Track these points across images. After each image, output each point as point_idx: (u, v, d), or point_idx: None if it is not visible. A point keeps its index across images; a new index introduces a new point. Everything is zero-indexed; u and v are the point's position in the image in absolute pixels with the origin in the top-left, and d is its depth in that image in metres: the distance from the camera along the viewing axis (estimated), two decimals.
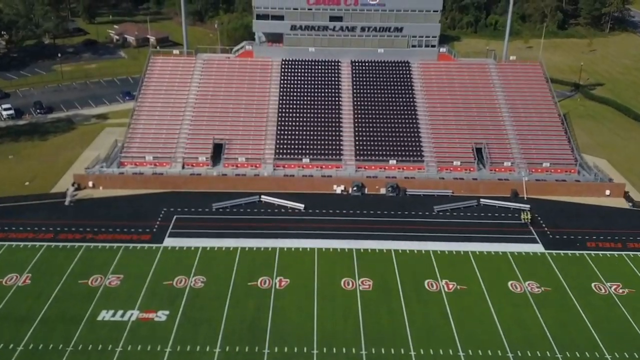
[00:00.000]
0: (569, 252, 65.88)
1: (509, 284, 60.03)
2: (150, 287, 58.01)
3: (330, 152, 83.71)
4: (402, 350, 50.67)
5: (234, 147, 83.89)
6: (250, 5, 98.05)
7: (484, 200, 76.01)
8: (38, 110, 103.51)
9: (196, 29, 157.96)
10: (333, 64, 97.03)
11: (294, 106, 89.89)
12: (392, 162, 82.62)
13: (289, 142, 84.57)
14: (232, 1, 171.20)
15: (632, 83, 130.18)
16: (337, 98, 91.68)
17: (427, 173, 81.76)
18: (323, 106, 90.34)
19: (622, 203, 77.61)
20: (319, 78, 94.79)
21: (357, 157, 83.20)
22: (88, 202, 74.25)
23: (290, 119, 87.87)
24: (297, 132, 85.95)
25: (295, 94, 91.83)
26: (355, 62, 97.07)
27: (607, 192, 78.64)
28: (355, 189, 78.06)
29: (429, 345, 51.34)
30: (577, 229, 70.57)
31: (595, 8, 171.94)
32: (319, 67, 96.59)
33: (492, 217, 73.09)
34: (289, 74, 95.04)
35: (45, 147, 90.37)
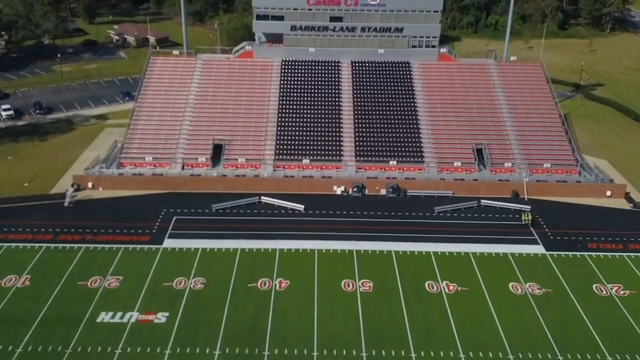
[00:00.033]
0: (570, 254, 65.72)
1: (509, 285, 59.88)
2: (150, 288, 57.85)
3: (330, 152, 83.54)
4: (402, 352, 50.48)
5: (234, 148, 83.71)
6: (250, 5, 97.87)
7: (484, 201, 75.84)
8: (37, 110, 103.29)
9: (196, 29, 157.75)
10: (333, 64, 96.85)
11: (294, 107, 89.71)
12: (393, 162, 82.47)
13: (289, 142, 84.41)
14: (232, 1, 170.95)
15: (633, 83, 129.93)
16: (337, 98, 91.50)
17: (428, 174, 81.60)
18: (323, 107, 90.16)
19: (623, 204, 77.44)
20: (319, 78, 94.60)
21: (358, 158, 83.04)
22: (87, 203, 74.10)
23: (290, 120, 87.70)
24: (297, 133, 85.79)
25: (295, 94, 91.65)
26: (355, 62, 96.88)
27: (608, 193, 78.47)
28: (355, 189, 77.89)
29: (429, 347, 51.17)
30: (578, 230, 70.41)
31: (595, 8, 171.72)
32: (319, 67, 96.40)
33: (492, 218, 72.91)
34: (289, 74, 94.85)
35: (44, 148, 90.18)
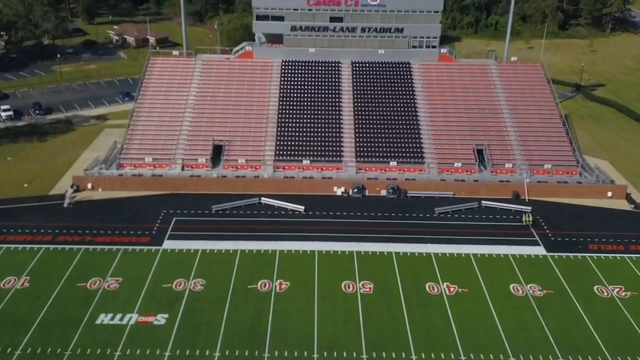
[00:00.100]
0: (571, 255, 65.49)
1: (510, 286, 59.64)
2: (150, 290, 57.61)
3: (330, 153, 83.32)
4: (403, 354, 50.26)
5: (234, 149, 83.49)
6: (250, 5, 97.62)
7: (485, 202, 75.60)
8: (37, 111, 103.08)
9: (196, 30, 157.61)
10: (333, 64, 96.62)
11: (294, 107, 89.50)
12: (393, 163, 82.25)
13: (289, 143, 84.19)
14: (232, 1, 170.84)
15: (633, 84, 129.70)
16: (337, 99, 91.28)
17: (428, 174, 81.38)
18: (323, 107, 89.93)
19: (624, 205, 77.18)
20: (319, 79, 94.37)
21: (358, 159, 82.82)
22: (87, 204, 73.86)
23: (291, 120, 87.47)
24: (297, 134, 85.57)
25: (295, 95, 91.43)
26: (355, 62, 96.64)
27: (609, 194, 78.23)
28: (355, 190, 77.66)
29: (430, 349, 50.94)
30: (579, 231, 70.16)
31: (596, 8, 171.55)
32: (319, 68, 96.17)
33: (493, 219, 72.67)
34: (289, 74, 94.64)
35: (44, 149, 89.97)
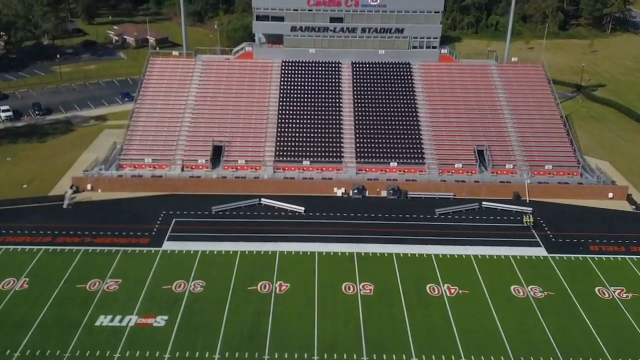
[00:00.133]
0: (572, 256, 65.25)
1: (511, 288, 59.40)
2: (149, 291, 57.37)
3: (330, 154, 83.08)
4: (403, 356, 50.03)
5: (234, 149, 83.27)
6: (250, 5, 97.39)
7: (485, 203, 75.34)
8: (36, 111, 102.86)
9: (196, 30, 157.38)
10: (333, 65, 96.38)
11: (294, 108, 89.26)
12: (393, 164, 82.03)
13: (289, 144, 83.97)
14: (232, 2, 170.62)
15: (634, 84, 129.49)
16: (337, 99, 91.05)
17: (429, 175, 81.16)
18: (323, 108, 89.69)
19: (625, 206, 76.93)
20: (320, 79, 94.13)
21: (358, 160, 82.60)
22: (86, 205, 73.62)
23: (291, 121, 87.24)
24: (297, 134, 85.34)
25: (295, 95, 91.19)
26: (355, 63, 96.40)
27: (610, 194, 78.01)
28: (356, 191, 77.43)
29: (431, 351, 50.71)
30: (580, 232, 69.90)
31: (596, 9, 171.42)
32: (320, 68, 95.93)
33: (494, 220, 72.43)
34: (289, 75, 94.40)
35: (43, 149, 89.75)
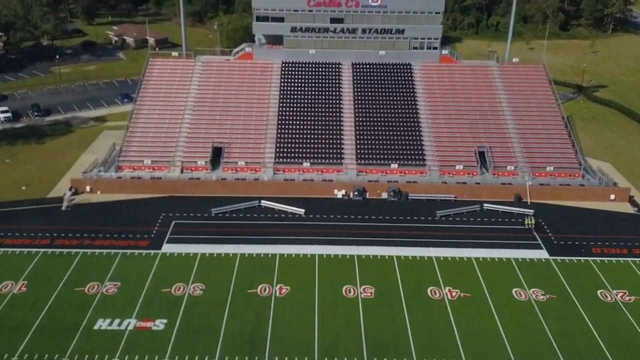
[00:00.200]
0: (574, 258, 64.82)
1: (513, 291, 58.98)
2: (148, 294, 56.95)
3: (331, 155, 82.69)
4: None
5: (234, 151, 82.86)
6: (250, 6, 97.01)
7: (487, 205, 74.91)
8: (35, 112, 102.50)
9: (196, 30, 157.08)
10: (334, 66, 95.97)
11: (294, 109, 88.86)
12: (394, 165, 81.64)
13: (289, 145, 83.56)
14: (232, 2, 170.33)
15: (635, 85, 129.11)
16: (338, 101, 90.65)
17: (430, 177, 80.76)
18: (324, 109, 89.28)
19: (627, 208, 76.50)
20: (320, 80, 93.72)
21: (359, 161, 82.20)
22: (85, 207, 73.18)
23: (291, 122, 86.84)
24: (297, 136, 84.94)
25: (295, 96, 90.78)
26: (356, 64, 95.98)
27: (612, 196, 77.60)
28: (356, 193, 77.01)
29: (432, 355, 50.32)
30: (581, 234, 69.48)
31: (597, 9, 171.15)
32: (320, 69, 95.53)
33: (495, 222, 72.01)
34: (289, 76, 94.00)
35: (42, 151, 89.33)
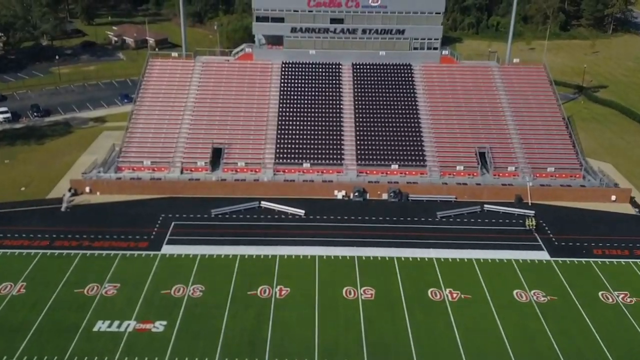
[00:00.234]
0: (575, 260, 64.56)
1: (514, 292, 58.73)
2: (148, 296, 56.71)
3: (331, 156, 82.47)
4: None
5: (234, 152, 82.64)
6: (250, 6, 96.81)
7: (487, 206, 74.69)
8: (35, 113, 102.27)
9: (195, 31, 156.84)
10: (334, 66, 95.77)
11: (294, 110, 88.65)
12: (394, 166, 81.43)
13: (289, 146, 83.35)
14: (232, 2, 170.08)
15: (636, 85, 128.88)
16: (338, 101, 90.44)
17: (430, 178, 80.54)
18: (324, 109, 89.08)
19: (628, 209, 76.25)
20: (320, 81, 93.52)
21: (359, 162, 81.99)
22: (85, 208, 72.96)
23: (291, 123, 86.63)
24: (297, 136, 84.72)
25: (295, 97, 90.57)
26: (356, 64, 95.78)
27: (613, 197, 77.37)
28: (356, 194, 76.80)
29: (432, 356, 50.10)
30: (582, 235, 69.23)
31: (597, 9, 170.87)
32: (320, 69, 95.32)
33: (496, 224, 71.78)
34: (289, 76, 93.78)
35: (42, 152, 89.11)
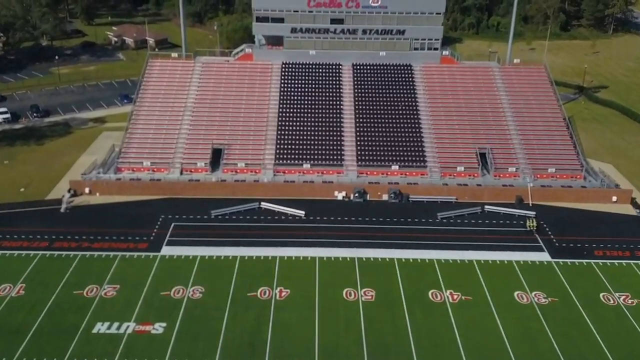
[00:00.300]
0: (576, 261, 64.38)
1: (515, 294, 58.54)
2: (147, 297, 56.54)
3: (331, 157, 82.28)
4: None
5: (233, 153, 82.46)
6: (250, 6, 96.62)
7: (488, 207, 74.49)
8: (35, 113, 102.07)
9: (195, 31, 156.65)
10: (334, 67, 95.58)
11: (295, 110, 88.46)
12: (395, 167, 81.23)
13: (289, 147, 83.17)
14: (232, 2, 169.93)
15: (636, 85, 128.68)
16: (338, 102, 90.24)
17: (430, 179, 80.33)
18: (324, 110, 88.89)
19: (629, 210, 76.07)
20: (320, 81, 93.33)
21: (359, 163, 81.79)
22: (84, 209, 72.77)
23: (291, 124, 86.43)
24: (297, 137, 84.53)
25: (295, 97, 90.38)
26: (356, 65, 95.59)
27: (614, 198, 77.18)
28: (357, 195, 76.62)
29: (433, 358, 49.91)
30: (583, 236, 69.04)
31: (598, 9, 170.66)
32: (320, 70, 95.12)
33: (496, 225, 71.59)
34: (289, 77, 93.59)
35: (41, 152, 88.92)
